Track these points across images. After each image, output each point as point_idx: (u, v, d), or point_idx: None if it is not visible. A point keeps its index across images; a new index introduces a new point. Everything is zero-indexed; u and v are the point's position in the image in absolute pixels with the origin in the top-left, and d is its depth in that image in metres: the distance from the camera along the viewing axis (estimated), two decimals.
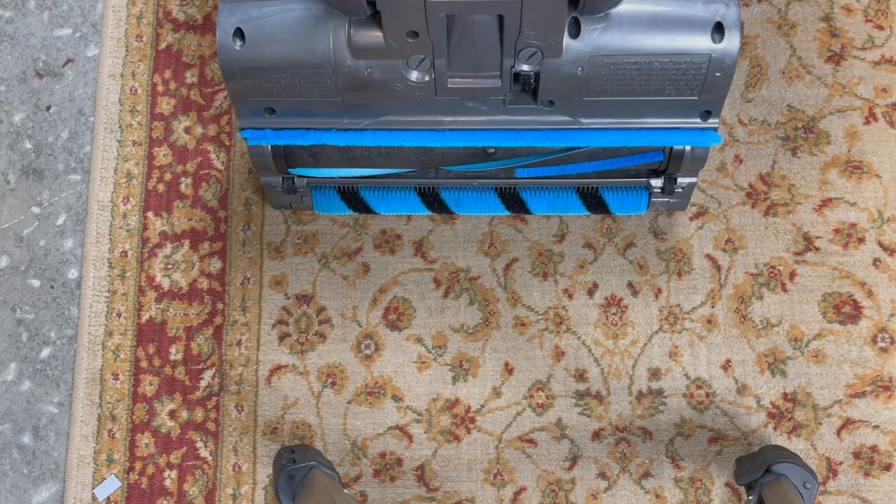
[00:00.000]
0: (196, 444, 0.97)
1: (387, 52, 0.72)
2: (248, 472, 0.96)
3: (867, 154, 1.01)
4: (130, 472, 0.97)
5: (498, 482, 0.95)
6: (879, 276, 0.98)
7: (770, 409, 0.95)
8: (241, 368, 0.99)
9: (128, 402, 0.99)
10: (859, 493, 0.93)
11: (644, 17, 0.72)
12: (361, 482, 0.96)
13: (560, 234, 1.01)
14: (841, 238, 0.99)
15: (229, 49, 0.74)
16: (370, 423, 0.97)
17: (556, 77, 0.74)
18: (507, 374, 0.98)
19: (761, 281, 0.98)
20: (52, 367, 1.01)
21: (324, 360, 0.99)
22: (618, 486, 0.95)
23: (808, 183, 1.01)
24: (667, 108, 0.79)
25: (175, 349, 1.00)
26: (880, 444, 0.94)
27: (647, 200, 0.92)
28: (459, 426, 0.97)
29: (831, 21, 1.05)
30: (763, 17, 1.06)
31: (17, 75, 1.09)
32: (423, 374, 0.98)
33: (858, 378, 0.96)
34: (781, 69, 1.04)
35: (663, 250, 1.00)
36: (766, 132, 1.03)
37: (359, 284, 1.01)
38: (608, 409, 0.96)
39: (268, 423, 0.97)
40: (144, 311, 1.01)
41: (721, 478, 0.95)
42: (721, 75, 0.74)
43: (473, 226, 1.02)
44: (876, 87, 1.03)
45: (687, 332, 0.98)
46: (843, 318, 0.97)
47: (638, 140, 0.81)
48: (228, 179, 1.04)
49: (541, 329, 0.99)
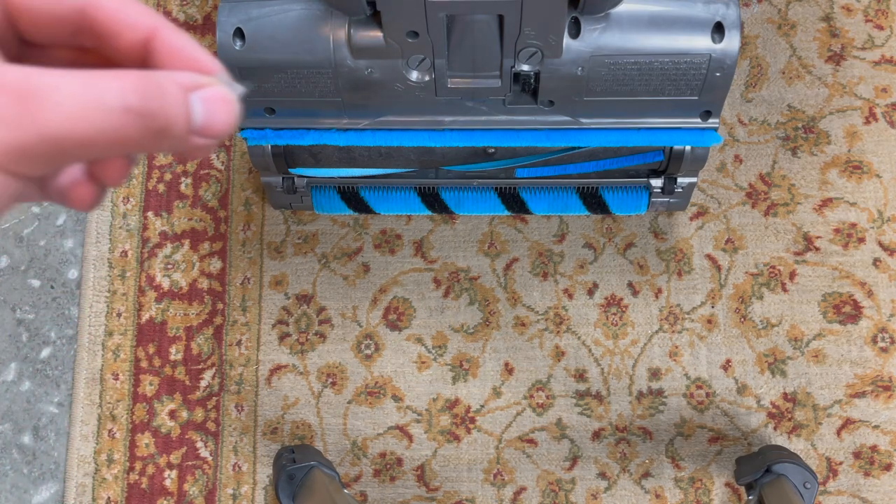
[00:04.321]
0: (196, 444, 0.97)
1: (387, 52, 0.72)
2: (249, 472, 0.96)
3: (867, 154, 1.01)
4: (130, 472, 0.97)
5: (498, 482, 0.95)
6: (879, 276, 0.98)
7: (770, 409, 0.95)
8: (242, 368, 0.99)
9: (128, 402, 0.99)
10: (859, 493, 0.93)
11: (644, 17, 0.72)
12: (361, 482, 0.96)
13: (560, 234, 1.01)
14: (841, 238, 0.99)
15: (229, 49, 0.74)
16: (370, 423, 0.97)
17: (556, 77, 0.74)
18: (507, 374, 0.98)
19: (761, 281, 0.98)
20: (52, 367, 1.01)
21: (324, 360, 0.99)
22: (618, 486, 0.95)
23: (809, 183, 1.01)
24: (667, 108, 0.79)
25: (175, 349, 1.00)
26: (880, 444, 0.94)
27: (647, 200, 0.92)
28: (459, 426, 0.97)
29: (831, 21, 1.05)
30: (763, 17, 1.06)
31: None
32: (423, 374, 0.98)
33: (858, 378, 0.96)
34: (781, 69, 1.04)
35: (663, 250, 1.00)
36: (766, 132, 1.03)
37: (359, 284, 1.01)
38: (608, 409, 0.96)
39: (268, 423, 0.97)
40: (144, 311, 1.01)
41: (721, 478, 0.95)
42: (721, 75, 0.74)
43: (473, 226, 1.02)
44: (876, 87, 1.03)
45: (687, 332, 0.98)
46: (844, 318, 0.97)
47: (638, 140, 0.81)
48: (228, 179, 1.04)
49: (541, 329, 0.98)
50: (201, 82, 0.27)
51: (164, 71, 0.26)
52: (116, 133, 0.24)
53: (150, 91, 0.25)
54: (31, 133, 0.23)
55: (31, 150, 0.23)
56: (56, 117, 0.23)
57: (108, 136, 0.24)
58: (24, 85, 0.23)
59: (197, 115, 0.26)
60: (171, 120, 0.25)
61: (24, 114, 0.23)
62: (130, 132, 0.24)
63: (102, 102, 0.24)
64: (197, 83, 0.26)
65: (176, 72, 0.27)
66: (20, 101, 0.23)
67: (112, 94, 0.24)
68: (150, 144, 0.25)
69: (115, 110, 0.24)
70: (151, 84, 0.25)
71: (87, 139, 0.24)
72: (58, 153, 0.24)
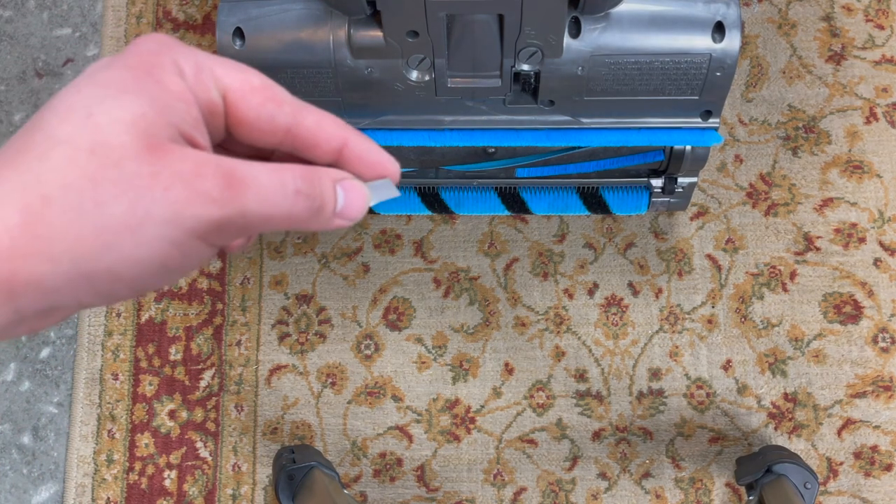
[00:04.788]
0: (196, 444, 0.97)
1: (387, 52, 0.72)
2: (248, 473, 0.96)
3: (868, 154, 1.01)
4: (130, 473, 0.97)
5: (498, 482, 0.95)
6: (880, 275, 0.98)
7: (770, 409, 0.95)
8: (241, 368, 0.99)
9: (127, 402, 0.99)
10: (860, 493, 0.93)
11: (644, 16, 0.72)
12: (361, 482, 0.96)
13: (560, 234, 1.01)
14: (841, 238, 0.99)
15: (229, 49, 0.73)
16: (370, 423, 0.97)
17: (557, 77, 0.74)
18: (507, 374, 0.98)
19: (762, 281, 0.98)
20: (52, 367, 1.00)
21: (324, 361, 0.99)
22: (618, 486, 0.95)
23: (809, 183, 1.01)
24: (667, 108, 0.78)
25: (175, 349, 0.99)
26: (881, 445, 0.94)
27: (647, 200, 0.92)
28: (459, 426, 0.97)
29: (832, 21, 1.05)
30: (763, 17, 1.06)
31: (17, 75, 1.09)
32: (423, 375, 0.98)
33: (859, 378, 0.96)
34: (782, 69, 1.04)
35: (664, 250, 1.00)
36: (767, 132, 1.02)
37: (359, 284, 1.00)
38: (608, 410, 0.96)
39: (267, 423, 0.97)
40: (144, 311, 1.01)
41: (721, 478, 0.95)
42: (721, 75, 0.74)
43: (473, 226, 1.02)
44: (876, 86, 1.03)
45: (687, 332, 0.97)
46: (844, 318, 0.97)
47: (638, 140, 0.81)
48: None
49: (541, 329, 0.98)
50: (343, 176, 0.32)
51: (321, 167, 0.32)
52: (290, 211, 0.29)
53: (314, 179, 0.30)
54: (235, 211, 0.28)
55: (231, 225, 0.28)
56: (254, 198, 0.28)
57: (283, 213, 0.29)
58: (231, 172, 0.28)
59: (340, 201, 0.32)
60: (325, 203, 0.31)
61: (232, 196, 0.28)
62: (299, 211, 0.30)
63: (283, 186, 0.29)
64: (341, 176, 0.32)
65: (327, 168, 0.32)
66: (228, 185, 0.28)
67: (289, 180, 0.29)
68: (309, 222, 0.31)
69: (291, 193, 0.29)
70: (315, 174, 0.31)
71: (271, 216, 0.29)
72: (247, 227, 0.29)
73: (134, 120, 0.27)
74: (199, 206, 0.27)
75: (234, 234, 0.29)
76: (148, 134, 0.27)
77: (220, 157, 0.29)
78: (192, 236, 0.28)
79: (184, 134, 0.29)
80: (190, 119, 0.29)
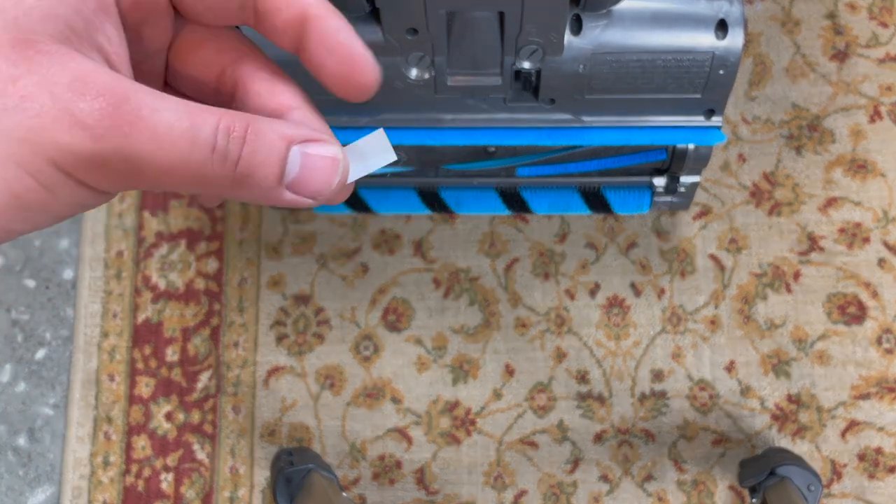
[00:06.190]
0: (193, 446, 0.96)
1: (386, 50, 0.71)
2: (246, 475, 0.95)
3: (872, 153, 1.00)
4: (127, 475, 0.96)
5: (498, 485, 0.95)
6: (884, 276, 0.97)
7: (774, 410, 0.95)
8: (239, 370, 0.98)
9: (124, 403, 0.98)
10: (864, 495, 0.92)
11: (646, 14, 0.71)
12: (360, 485, 0.95)
13: (561, 233, 1.00)
14: (846, 238, 0.98)
15: None
16: (369, 425, 0.96)
17: (558, 75, 0.74)
18: (507, 375, 0.97)
19: (765, 281, 0.97)
20: (48, 369, 1.00)
21: (322, 362, 0.98)
22: (620, 488, 0.94)
23: (813, 182, 1.00)
24: (669, 107, 0.78)
25: (171, 350, 0.99)
26: (885, 447, 0.93)
27: (649, 200, 0.91)
28: (459, 428, 0.96)
29: (836, 19, 1.04)
30: (767, 15, 1.05)
31: None
32: (422, 376, 0.97)
33: (863, 379, 0.95)
34: (785, 67, 1.03)
35: (666, 250, 0.99)
36: (770, 130, 1.02)
37: (357, 285, 1.00)
38: (610, 411, 0.95)
39: (265, 425, 0.96)
40: (140, 312, 1.00)
41: (724, 480, 0.94)
42: (724, 73, 0.73)
43: (473, 226, 1.01)
44: (881, 85, 1.02)
45: (690, 333, 0.97)
46: (848, 318, 0.96)
47: (640, 138, 0.80)
48: None
49: (542, 330, 0.98)
50: (312, 137, 0.25)
51: (275, 120, 0.25)
52: (200, 169, 0.23)
53: (248, 133, 0.23)
54: (113, 148, 0.22)
55: (108, 166, 0.22)
56: (145, 139, 0.22)
57: (191, 170, 0.23)
58: (123, 97, 0.22)
59: (292, 170, 0.24)
60: (255, 170, 0.24)
61: (113, 126, 0.22)
62: (214, 171, 0.23)
63: (194, 136, 0.22)
64: (307, 137, 0.25)
65: (287, 122, 0.25)
66: (114, 112, 0.22)
67: (206, 129, 0.23)
68: (229, 190, 0.24)
69: (203, 145, 0.23)
70: (249, 129, 0.23)
71: (170, 169, 0.22)
72: (133, 176, 0.22)
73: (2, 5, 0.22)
74: (63, 131, 0.21)
75: (118, 180, 0.23)
76: (18, 25, 0.22)
77: (119, 77, 0.22)
78: (53, 167, 0.22)
79: (78, 33, 0.23)
80: (89, 12, 0.23)
